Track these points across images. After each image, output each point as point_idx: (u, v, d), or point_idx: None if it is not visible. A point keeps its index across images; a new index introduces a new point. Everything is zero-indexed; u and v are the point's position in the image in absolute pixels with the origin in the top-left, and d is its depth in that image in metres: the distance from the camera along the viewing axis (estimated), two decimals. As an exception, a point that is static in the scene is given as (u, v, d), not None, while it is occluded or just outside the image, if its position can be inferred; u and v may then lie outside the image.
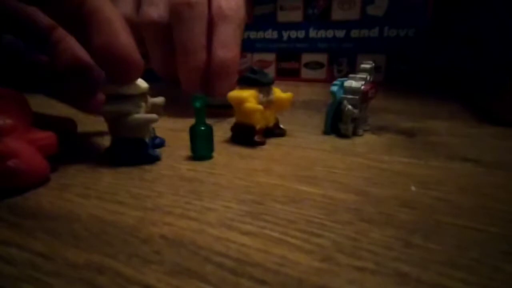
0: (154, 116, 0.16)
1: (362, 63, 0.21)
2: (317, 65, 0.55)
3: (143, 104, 0.16)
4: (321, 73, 0.55)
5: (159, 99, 0.18)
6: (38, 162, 0.13)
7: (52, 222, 0.11)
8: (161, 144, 0.19)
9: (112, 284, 0.08)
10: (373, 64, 0.22)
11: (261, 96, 0.19)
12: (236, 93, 0.19)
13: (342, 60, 0.53)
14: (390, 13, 0.48)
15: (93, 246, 0.10)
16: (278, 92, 0.20)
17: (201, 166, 0.16)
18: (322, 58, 0.54)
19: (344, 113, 0.20)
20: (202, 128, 0.16)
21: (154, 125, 0.17)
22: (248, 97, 0.18)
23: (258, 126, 0.19)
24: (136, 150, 0.16)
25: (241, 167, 0.16)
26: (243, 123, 0.19)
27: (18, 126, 0.13)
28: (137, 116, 0.15)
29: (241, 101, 0.18)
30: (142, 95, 0.16)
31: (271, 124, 0.21)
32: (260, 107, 0.18)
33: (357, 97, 0.20)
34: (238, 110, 0.19)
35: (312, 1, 0.52)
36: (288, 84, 0.49)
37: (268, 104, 0.19)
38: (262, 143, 0.19)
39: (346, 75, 0.21)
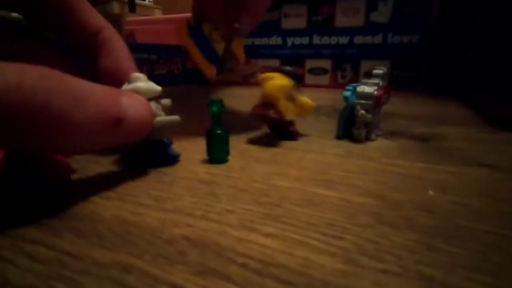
0: (176, 117, 0.16)
1: (375, 69, 0.22)
2: (321, 71, 0.55)
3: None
4: (325, 79, 0.55)
5: (166, 101, 0.18)
6: (61, 161, 0.14)
7: (76, 222, 0.11)
8: (171, 143, 0.19)
9: (140, 284, 0.08)
10: (386, 70, 0.22)
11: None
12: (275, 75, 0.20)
13: (345, 66, 0.53)
14: (394, 20, 0.49)
15: (118, 246, 0.10)
16: (304, 98, 0.21)
17: (218, 169, 0.16)
18: (326, 64, 0.54)
19: (358, 118, 0.20)
20: (219, 132, 0.17)
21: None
22: (286, 84, 0.20)
23: (288, 118, 0.20)
24: (158, 151, 0.16)
25: (257, 171, 0.16)
26: (275, 120, 0.20)
27: None
28: (161, 118, 0.16)
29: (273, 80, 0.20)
30: (159, 98, 0.16)
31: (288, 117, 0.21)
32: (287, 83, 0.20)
33: (370, 102, 0.20)
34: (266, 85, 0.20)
35: (316, 8, 0.53)
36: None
37: (291, 98, 0.20)
38: (297, 134, 0.21)
39: (350, 81, 0.22)
